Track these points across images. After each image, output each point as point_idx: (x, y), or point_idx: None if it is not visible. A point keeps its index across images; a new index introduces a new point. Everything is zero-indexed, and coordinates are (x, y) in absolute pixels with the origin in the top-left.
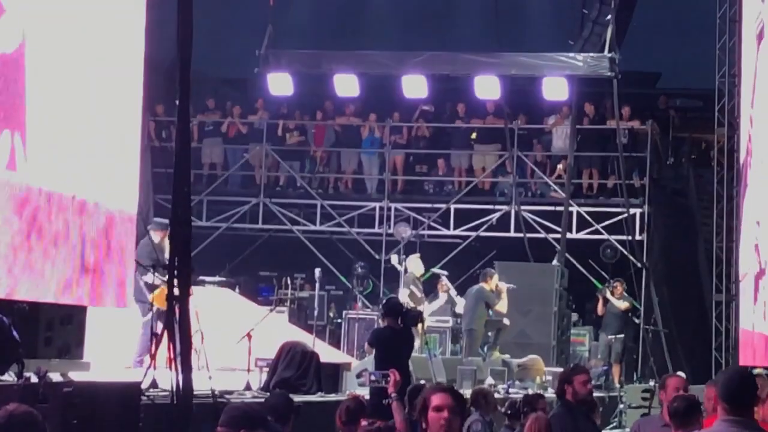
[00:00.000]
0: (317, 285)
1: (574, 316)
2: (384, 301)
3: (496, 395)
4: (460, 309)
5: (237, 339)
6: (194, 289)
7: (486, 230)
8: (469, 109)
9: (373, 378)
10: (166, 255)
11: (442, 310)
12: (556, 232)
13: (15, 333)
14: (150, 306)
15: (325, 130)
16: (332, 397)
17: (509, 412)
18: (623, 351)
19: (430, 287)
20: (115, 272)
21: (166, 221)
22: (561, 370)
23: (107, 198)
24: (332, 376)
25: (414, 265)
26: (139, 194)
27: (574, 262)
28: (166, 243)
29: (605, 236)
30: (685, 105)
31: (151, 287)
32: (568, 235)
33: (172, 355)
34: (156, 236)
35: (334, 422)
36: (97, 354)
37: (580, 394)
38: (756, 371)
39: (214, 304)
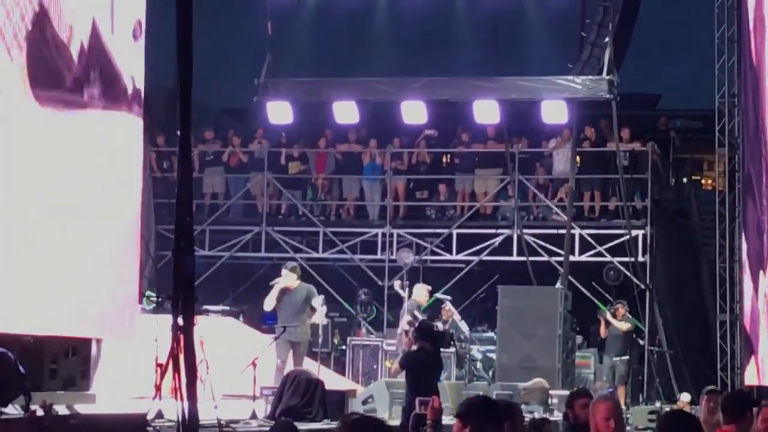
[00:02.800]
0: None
1: (579, 339)
2: (416, 325)
3: None
4: (464, 333)
5: (241, 368)
6: (198, 318)
7: (489, 254)
8: (470, 134)
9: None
10: None
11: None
12: (559, 255)
13: (21, 367)
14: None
15: (326, 157)
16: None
17: None
18: (627, 372)
19: (434, 312)
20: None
21: None
22: (566, 393)
23: (111, 229)
24: (338, 403)
25: (419, 293)
26: (141, 225)
27: (578, 284)
28: None
29: (608, 258)
30: (686, 126)
31: None
32: (571, 258)
33: (177, 385)
34: None
35: None
36: (104, 385)
37: (581, 418)
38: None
39: (218, 334)
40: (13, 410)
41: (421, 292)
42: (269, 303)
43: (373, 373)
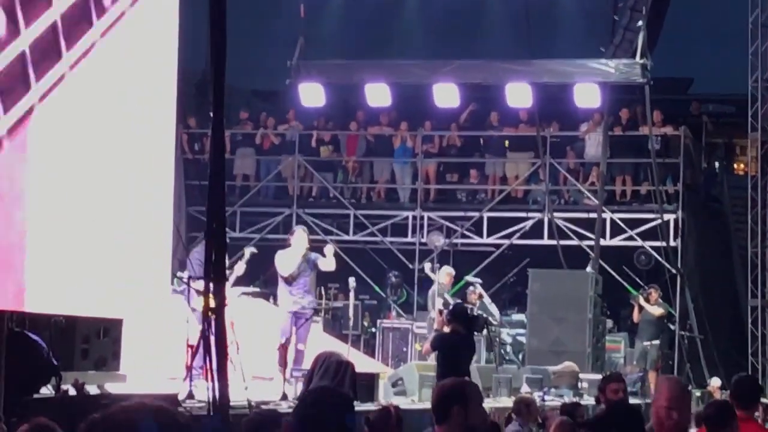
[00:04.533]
0: (351, 294)
1: (609, 323)
2: (451, 307)
3: None
4: (495, 317)
5: (272, 349)
6: (229, 299)
7: (519, 238)
8: (502, 117)
9: None
10: None
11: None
12: (590, 239)
13: (53, 359)
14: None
15: (357, 140)
16: (368, 406)
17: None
18: (659, 357)
19: (462, 296)
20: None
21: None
22: (596, 377)
23: (142, 209)
24: (367, 385)
25: (442, 276)
26: (173, 207)
27: (608, 269)
28: None
29: (639, 243)
30: (718, 110)
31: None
32: (602, 242)
33: (208, 366)
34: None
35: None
36: (134, 366)
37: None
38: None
39: (248, 315)
40: (45, 390)
41: (445, 275)
42: (290, 268)
43: (403, 355)
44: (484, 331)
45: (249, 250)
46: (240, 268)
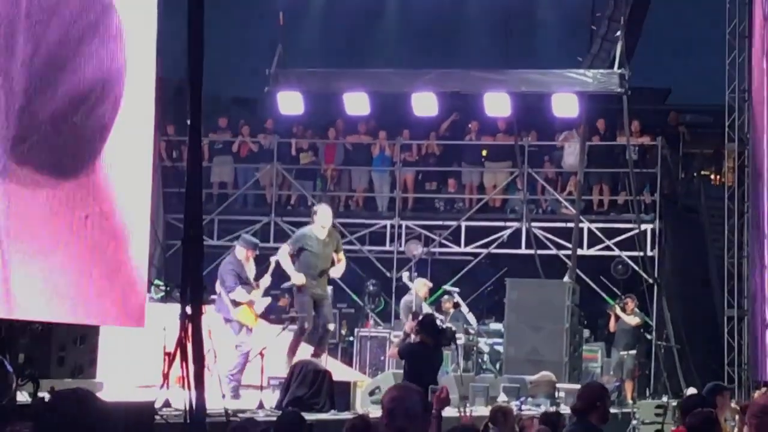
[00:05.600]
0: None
1: (586, 333)
2: (420, 318)
3: None
4: (472, 326)
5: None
6: (206, 308)
7: (497, 247)
8: (480, 126)
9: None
10: (249, 273)
11: (457, 328)
12: (567, 248)
13: (8, 366)
14: (239, 324)
15: (336, 148)
16: (345, 415)
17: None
18: (635, 367)
19: (437, 305)
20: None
21: (255, 240)
22: (574, 386)
23: (120, 215)
24: (345, 394)
25: (419, 287)
26: (150, 214)
27: (586, 278)
28: (252, 261)
29: (616, 252)
30: (696, 121)
31: (237, 305)
32: (579, 252)
33: (185, 374)
34: (241, 253)
35: None
36: (112, 373)
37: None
38: None
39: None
40: (21, 397)
41: (422, 286)
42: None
43: (381, 364)
44: (452, 345)
45: (275, 260)
46: (266, 279)
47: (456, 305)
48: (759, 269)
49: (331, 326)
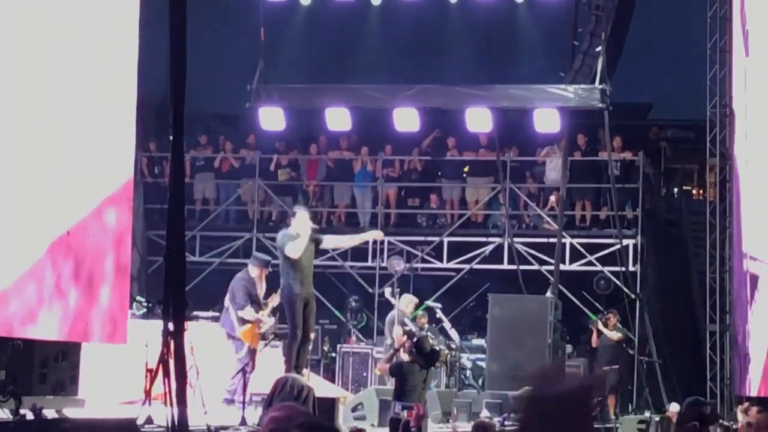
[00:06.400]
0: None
1: (569, 348)
2: (415, 340)
3: None
4: (455, 341)
5: (231, 374)
6: (189, 324)
7: (479, 263)
8: (462, 142)
9: (396, 411)
10: (260, 291)
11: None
12: (550, 264)
13: None
14: (242, 342)
15: (318, 164)
16: None
17: None
18: (618, 382)
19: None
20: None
21: (268, 258)
22: None
23: (101, 231)
24: (328, 410)
25: (405, 304)
26: (132, 231)
27: (568, 293)
28: (263, 279)
29: (598, 267)
30: (677, 136)
31: (243, 323)
32: (562, 267)
33: (167, 391)
34: (254, 271)
35: None
36: (94, 390)
37: None
38: None
39: (208, 340)
40: (2, 414)
41: (408, 303)
42: (299, 249)
43: (363, 380)
44: (437, 367)
45: None
46: (276, 298)
47: (438, 321)
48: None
49: (312, 335)
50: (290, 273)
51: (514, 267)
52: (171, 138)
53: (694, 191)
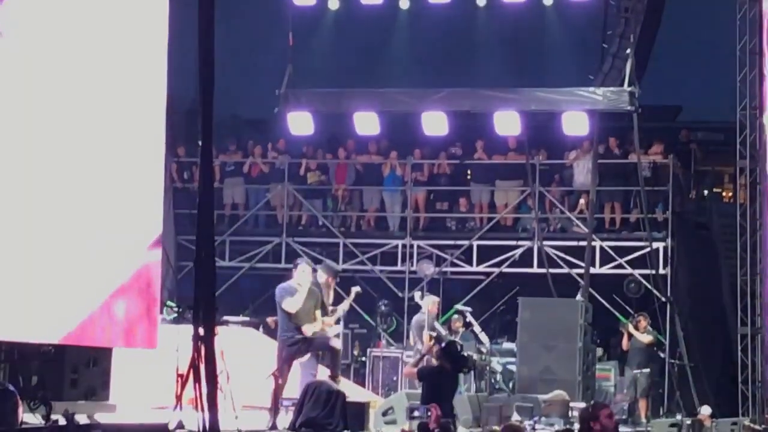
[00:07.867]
0: (341, 323)
1: (599, 351)
2: (444, 345)
3: None
4: (485, 345)
5: (262, 378)
6: (219, 329)
7: (509, 266)
8: (490, 145)
9: (416, 414)
10: (326, 298)
11: (467, 347)
12: (580, 267)
13: (14, 390)
14: None
15: (347, 168)
16: None
17: None
18: (649, 385)
19: (447, 324)
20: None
21: (338, 268)
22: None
23: (133, 238)
24: (358, 414)
25: (430, 305)
26: (162, 236)
27: (598, 297)
28: (332, 287)
29: (629, 270)
30: (707, 138)
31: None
32: (592, 270)
33: (198, 395)
34: (321, 277)
35: None
36: (125, 395)
37: (609, 428)
38: None
39: (238, 344)
40: (34, 419)
41: (432, 304)
42: (296, 304)
43: (393, 384)
44: (470, 372)
45: (355, 290)
46: (345, 304)
47: (468, 324)
48: None
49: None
50: (286, 322)
51: (543, 270)
52: (200, 143)
53: (724, 193)
